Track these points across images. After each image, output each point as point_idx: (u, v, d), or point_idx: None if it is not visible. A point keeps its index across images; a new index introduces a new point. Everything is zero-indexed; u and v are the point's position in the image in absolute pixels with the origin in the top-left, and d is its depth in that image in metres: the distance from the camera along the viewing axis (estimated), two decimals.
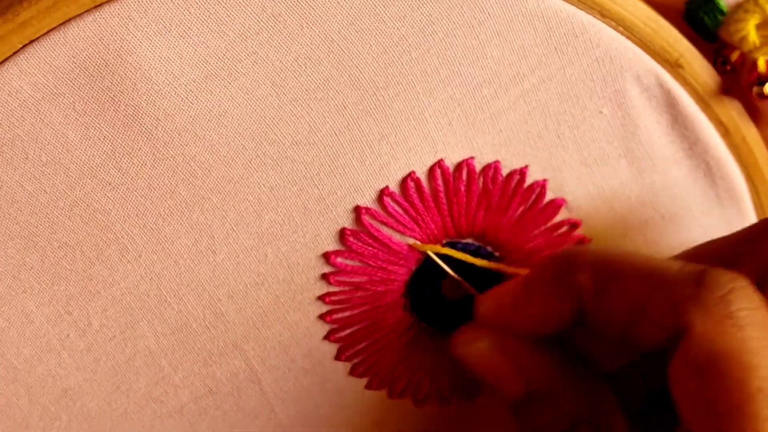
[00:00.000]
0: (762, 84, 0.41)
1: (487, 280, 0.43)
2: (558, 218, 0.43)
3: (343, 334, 0.43)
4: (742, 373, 0.33)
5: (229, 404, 0.43)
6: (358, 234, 0.40)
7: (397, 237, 0.41)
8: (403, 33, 0.37)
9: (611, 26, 0.39)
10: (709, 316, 0.34)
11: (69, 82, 0.34)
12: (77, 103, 0.35)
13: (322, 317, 0.42)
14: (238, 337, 0.41)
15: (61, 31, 0.34)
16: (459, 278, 0.42)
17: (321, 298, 0.41)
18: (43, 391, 0.40)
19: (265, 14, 0.35)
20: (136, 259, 0.38)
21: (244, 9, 0.35)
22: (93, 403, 0.41)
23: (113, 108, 0.35)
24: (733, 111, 0.42)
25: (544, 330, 0.39)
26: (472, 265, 0.43)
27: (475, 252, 0.43)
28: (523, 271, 0.41)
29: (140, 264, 0.38)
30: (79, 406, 0.41)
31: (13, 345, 0.39)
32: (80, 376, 0.40)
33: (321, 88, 0.37)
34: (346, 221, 0.40)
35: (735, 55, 0.41)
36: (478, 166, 0.41)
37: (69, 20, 0.34)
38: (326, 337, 0.43)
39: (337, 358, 0.43)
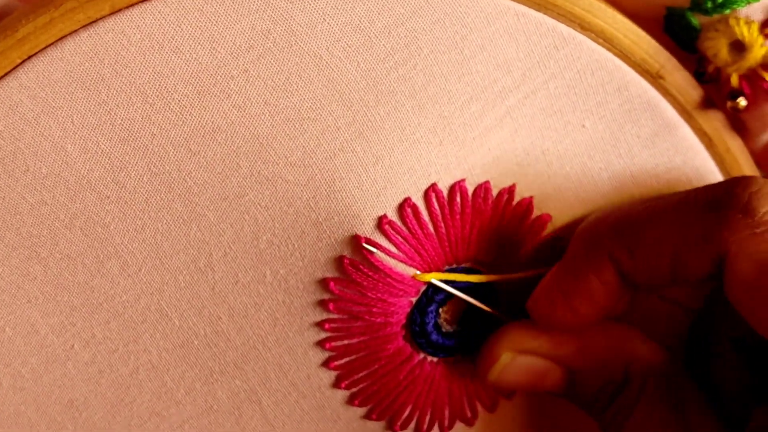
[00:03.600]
0: (734, 98, 0.42)
1: (489, 303, 0.43)
2: (544, 234, 0.43)
3: (341, 362, 0.43)
4: None
5: (230, 422, 0.43)
6: (357, 264, 0.40)
7: (397, 268, 0.41)
8: (389, 49, 0.38)
9: (591, 38, 0.40)
10: (740, 233, 0.35)
11: (66, 96, 0.36)
12: (75, 117, 0.36)
13: (320, 344, 0.42)
14: (238, 356, 0.42)
15: (58, 47, 0.36)
16: (475, 302, 0.43)
17: (319, 324, 0.42)
18: (50, 401, 0.41)
19: (255, 31, 0.37)
20: (137, 273, 0.39)
21: (234, 26, 0.37)
22: (98, 415, 0.42)
23: (109, 122, 0.37)
24: (717, 121, 0.43)
25: (605, 310, 0.41)
26: (474, 292, 0.43)
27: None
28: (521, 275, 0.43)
29: (141, 278, 0.39)
30: (84, 417, 0.41)
31: (19, 354, 0.40)
32: (85, 388, 0.41)
33: (313, 108, 0.38)
34: (345, 249, 0.40)
35: (711, 67, 0.43)
36: (469, 188, 0.41)
37: (65, 36, 0.35)
38: (324, 364, 0.43)
39: (336, 385, 0.44)
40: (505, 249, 0.43)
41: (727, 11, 0.41)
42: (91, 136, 0.37)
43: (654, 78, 0.41)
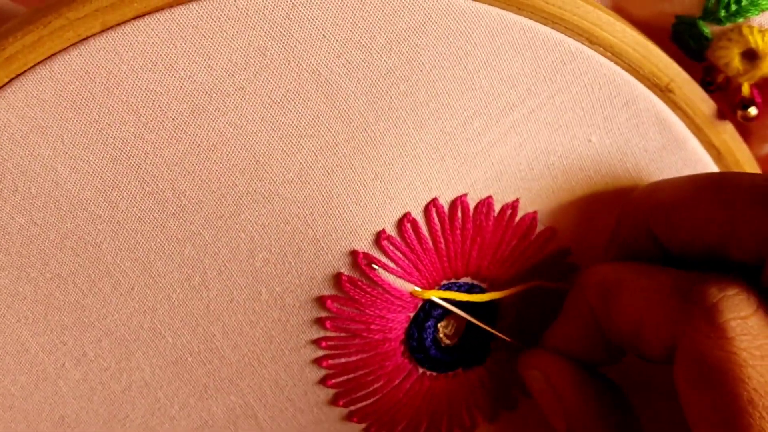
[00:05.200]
0: (745, 108, 0.41)
1: (486, 318, 0.43)
2: (549, 248, 0.43)
3: (339, 380, 0.42)
4: (731, 385, 0.33)
5: None
6: (355, 281, 0.40)
7: (396, 283, 0.40)
8: (391, 65, 0.37)
9: (600, 52, 0.39)
10: (697, 330, 0.34)
11: (56, 115, 0.35)
12: (65, 137, 0.35)
13: (317, 361, 0.42)
14: (233, 373, 0.41)
15: (47, 66, 0.34)
16: (474, 320, 0.42)
17: (316, 342, 0.41)
18: (40, 418, 0.40)
19: (252, 48, 0.36)
20: (129, 292, 0.38)
21: (230, 43, 0.35)
22: (90, 431, 0.41)
23: (101, 141, 0.35)
24: (725, 134, 0.42)
25: (584, 353, 0.41)
26: (470, 306, 0.42)
27: (467, 291, 0.42)
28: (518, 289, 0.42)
29: (133, 297, 0.38)
30: None
31: (9, 373, 0.39)
32: (77, 405, 0.40)
33: (311, 124, 0.37)
34: (342, 265, 0.39)
35: (720, 77, 0.42)
36: (471, 203, 0.40)
37: (54, 54, 0.34)
38: (321, 382, 0.42)
39: (333, 403, 0.43)
40: (507, 264, 0.42)
41: (740, 20, 0.40)
42: (82, 156, 0.36)
43: (663, 92, 0.40)
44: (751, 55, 0.41)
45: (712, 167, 0.43)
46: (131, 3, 0.34)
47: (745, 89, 0.41)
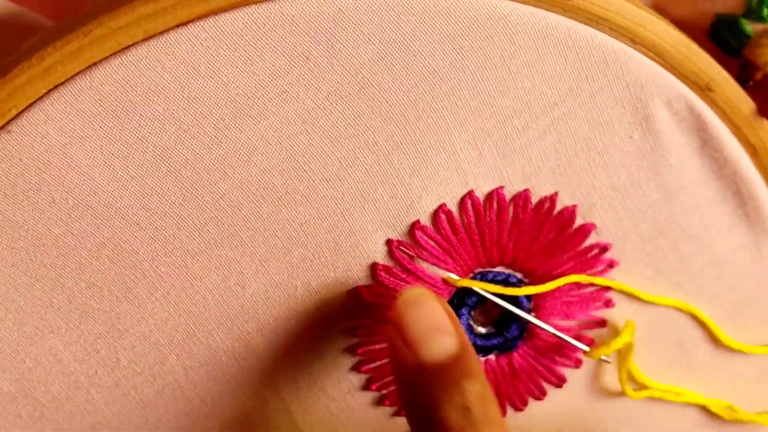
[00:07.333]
0: None
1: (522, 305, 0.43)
2: (587, 242, 0.42)
3: (373, 365, 0.42)
4: None
5: (258, 430, 0.43)
6: (390, 269, 0.40)
7: (429, 270, 0.40)
8: (434, 67, 0.36)
9: (642, 52, 0.39)
10: None
11: (96, 125, 0.34)
12: (104, 146, 0.34)
13: (350, 349, 0.42)
14: (267, 368, 0.41)
15: (86, 76, 0.33)
16: (511, 307, 0.42)
17: (350, 331, 0.41)
18: (72, 426, 0.40)
19: (296, 54, 0.35)
20: (165, 296, 0.38)
21: (274, 49, 0.34)
22: None
23: (140, 149, 0.35)
24: (762, 133, 0.42)
25: None
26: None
27: (504, 281, 0.42)
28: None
29: (168, 301, 0.38)
30: None
31: (40, 383, 0.38)
32: (108, 411, 0.40)
33: (352, 124, 0.37)
34: (378, 255, 0.40)
35: (758, 74, 0.41)
36: (508, 195, 0.40)
37: (94, 64, 0.33)
38: (355, 368, 0.42)
39: (365, 388, 0.43)
40: (544, 255, 0.42)
41: None
42: (121, 164, 0.35)
43: (703, 90, 0.40)
44: None
45: (749, 165, 0.42)
46: (174, 11, 0.33)
47: None
